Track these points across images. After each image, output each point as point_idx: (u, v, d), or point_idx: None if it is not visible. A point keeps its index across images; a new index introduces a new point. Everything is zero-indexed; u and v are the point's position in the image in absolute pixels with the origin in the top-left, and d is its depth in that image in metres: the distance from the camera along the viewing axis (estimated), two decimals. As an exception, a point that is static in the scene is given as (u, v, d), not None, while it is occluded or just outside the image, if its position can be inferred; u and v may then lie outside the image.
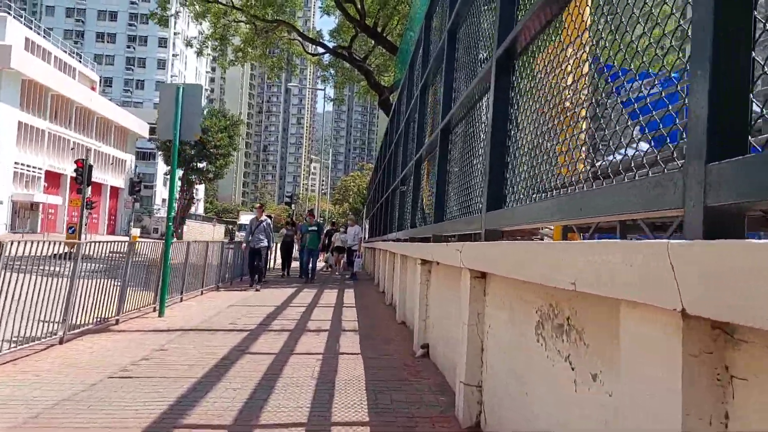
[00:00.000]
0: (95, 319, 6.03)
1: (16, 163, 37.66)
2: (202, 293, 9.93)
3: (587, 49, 2.07)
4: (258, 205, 12.16)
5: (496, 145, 3.26)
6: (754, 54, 1.15)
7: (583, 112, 2.33)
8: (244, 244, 11.74)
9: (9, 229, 36.60)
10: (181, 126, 7.25)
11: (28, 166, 39.13)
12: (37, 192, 39.69)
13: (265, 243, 11.41)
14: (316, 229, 14.10)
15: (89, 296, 5.76)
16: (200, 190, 76.30)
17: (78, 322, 5.60)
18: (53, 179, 42.90)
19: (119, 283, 6.51)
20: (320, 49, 21.81)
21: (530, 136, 2.89)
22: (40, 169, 40.62)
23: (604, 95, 1.98)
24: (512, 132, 3.22)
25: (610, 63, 1.96)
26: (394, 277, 8.81)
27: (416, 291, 5.41)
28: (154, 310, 7.35)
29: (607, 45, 1.93)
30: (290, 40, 21.71)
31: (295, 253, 14.83)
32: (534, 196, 2.86)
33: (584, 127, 2.24)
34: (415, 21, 10.15)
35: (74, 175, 19.30)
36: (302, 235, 14.18)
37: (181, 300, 8.74)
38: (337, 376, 4.26)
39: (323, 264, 18.64)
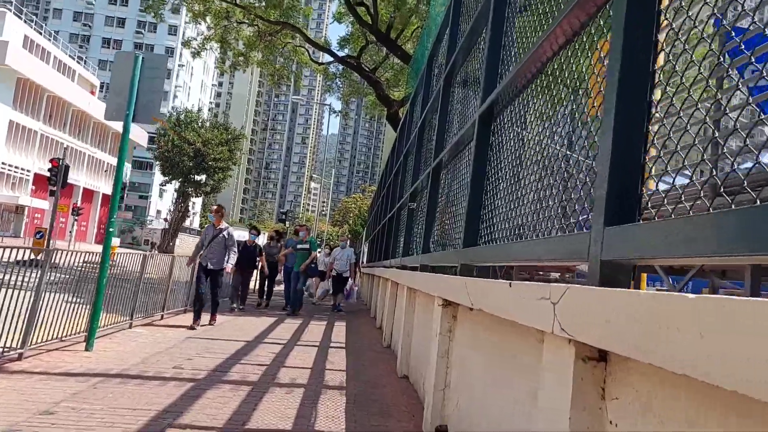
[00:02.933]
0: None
1: (2, 163, 36.12)
2: (162, 318, 8.24)
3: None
4: (215, 207, 8.34)
5: (626, 103, 1.67)
6: None
7: None
8: (190, 261, 8.40)
9: (-10, 232, 34.92)
10: (136, 105, 5.68)
11: (15, 167, 37.57)
12: (23, 194, 38.05)
13: (222, 263, 8.00)
14: (308, 247, 11.14)
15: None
16: (197, 203, 74.78)
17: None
18: (42, 183, 41.22)
19: (72, 301, 4.86)
20: (327, 58, 20.47)
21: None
22: (28, 171, 39.06)
23: None
24: (663, 78, 1.66)
25: None
26: (395, 314, 7.15)
27: (432, 344, 3.75)
28: (86, 340, 5.65)
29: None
30: (295, 47, 20.39)
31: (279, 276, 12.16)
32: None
33: None
34: (433, 23, 8.71)
35: (49, 175, 17.66)
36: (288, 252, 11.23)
37: (130, 326, 7.06)
38: (303, 490, 2.59)
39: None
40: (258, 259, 11.06)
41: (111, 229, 5.57)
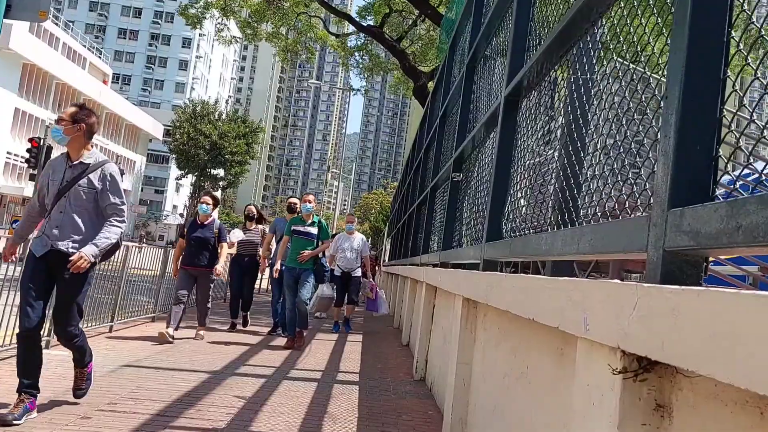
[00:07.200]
0: None
1: (8, 153, 34.66)
2: (111, 330, 6.05)
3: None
4: (71, 113, 3.14)
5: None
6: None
7: None
8: (12, 248, 3.36)
9: (-5, 224, 33.45)
10: (14, -9, 3.44)
11: (22, 157, 36.08)
12: (29, 185, 36.56)
13: (83, 240, 3.14)
14: (314, 232, 6.39)
15: None
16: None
17: None
18: (52, 174, 39.84)
19: None
20: (348, 27, 18.24)
21: None
22: (37, 161, 37.61)
23: None
24: None
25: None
26: (432, 333, 4.82)
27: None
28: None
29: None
30: (310, 17, 18.18)
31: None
32: None
33: None
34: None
35: (28, 156, 15.72)
36: (278, 238, 7.02)
37: (47, 345, 4.84)
38: None
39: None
40: (218, 248, 6.26)
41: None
